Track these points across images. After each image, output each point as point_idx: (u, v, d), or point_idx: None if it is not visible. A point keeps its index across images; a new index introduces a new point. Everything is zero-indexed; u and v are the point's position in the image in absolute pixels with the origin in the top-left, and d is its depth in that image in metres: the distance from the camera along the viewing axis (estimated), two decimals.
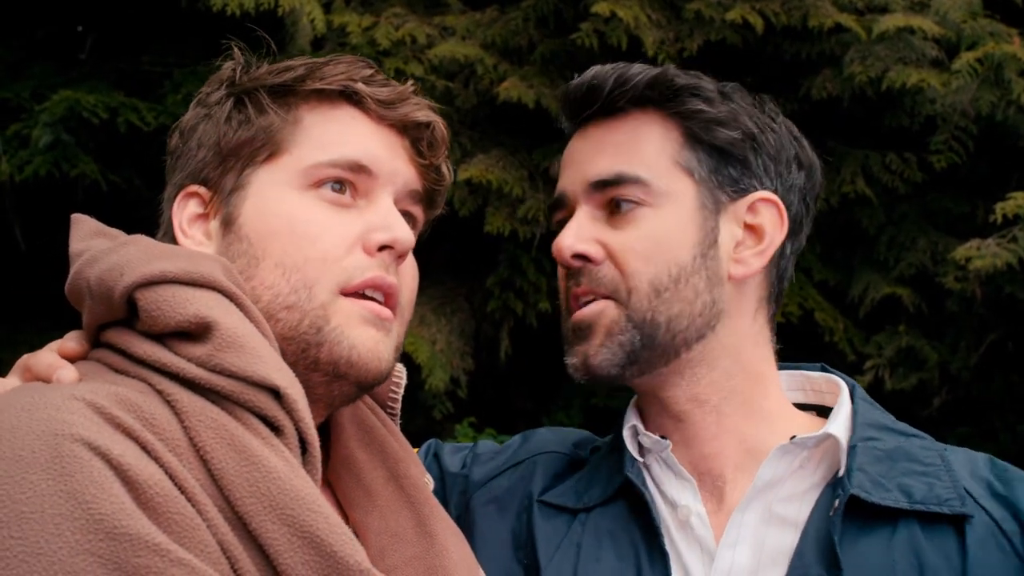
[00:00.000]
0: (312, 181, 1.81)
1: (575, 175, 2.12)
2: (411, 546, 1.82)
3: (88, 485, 1.35)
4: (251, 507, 1.48)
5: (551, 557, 2.08)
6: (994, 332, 6.07)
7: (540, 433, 2.39)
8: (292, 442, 1.59)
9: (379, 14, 6.20)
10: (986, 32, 6.02)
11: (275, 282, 1.75)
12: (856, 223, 6.36)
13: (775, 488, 2.02)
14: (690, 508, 2.04)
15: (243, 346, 1.58)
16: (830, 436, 2.02)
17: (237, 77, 1.92)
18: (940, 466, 2.00)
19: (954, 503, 1.93)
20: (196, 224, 1.85)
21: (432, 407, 6.18)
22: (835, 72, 5.97)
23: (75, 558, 1.31)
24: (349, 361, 1.76)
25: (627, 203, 2.05)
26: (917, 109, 6.07)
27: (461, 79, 6.10)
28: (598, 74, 2.10)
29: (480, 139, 6.17)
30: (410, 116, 1.92)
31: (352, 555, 1.50)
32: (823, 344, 6.14)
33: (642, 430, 2.12)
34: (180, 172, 1.90)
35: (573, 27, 5.91)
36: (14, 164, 6.23)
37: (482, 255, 6.35)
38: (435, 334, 6.08)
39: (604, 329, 2.03)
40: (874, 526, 1.93)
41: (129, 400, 1.50)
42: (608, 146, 2.10)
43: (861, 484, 1.94)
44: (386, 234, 1.82)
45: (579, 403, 6.85)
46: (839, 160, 6.22)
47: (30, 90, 6.62)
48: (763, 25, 5.70)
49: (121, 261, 1.64)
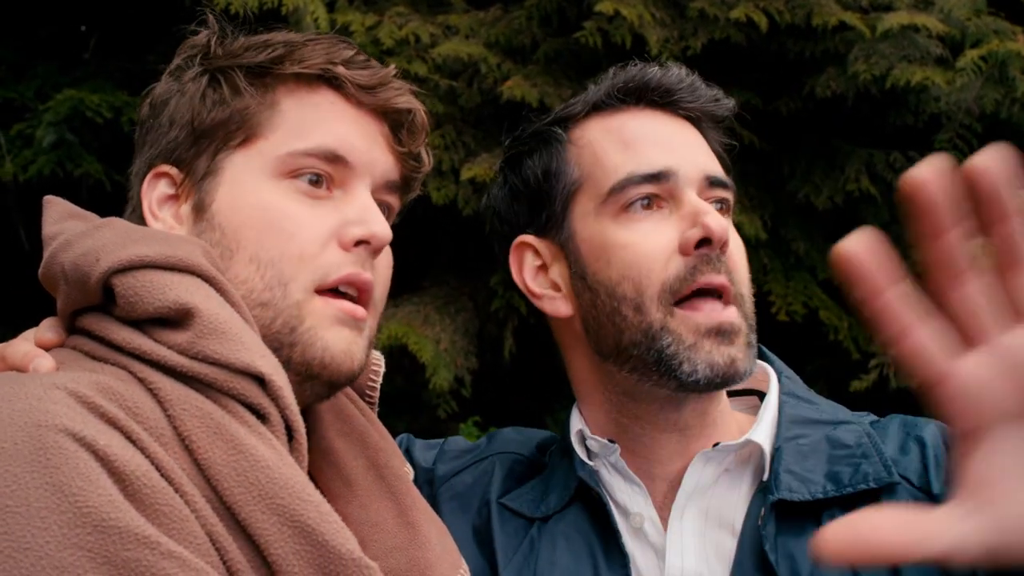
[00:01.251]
0: (288, 170, 1.77)
1: (685, 158, 2.08)
2: (392, 536, 1.80)
3: (74, 477, 1.32)
4: (240, 497, 1.46)
5: (509, 560, 2.08)
6: None
7: (504, 433, 2.39)
8: (278, 429, 1.57)
9: (382, 13, 6.19)
10: (990, 30, 6.00)
11: (249, 277, 1.71)
12: (861, 221, 6.34)
13: (707, 492, 2.02)
14: (643, 515, 2.04)
15: (225, 332, 1.55)
16: (750, 443, 2.03)
17: (212, 49, 1.87)
18: (865, 445, 2.00)
19: (882, 475, 1.93)
20: (166, 206, 1.81)
21: (436, 406, 6.16)
22: (839, 70, 5.95)
23: (63, 552, 1.29)
24: (322, 362, 1.74)
25: (725, 207, 2.09)
26: (921, 107, 6.06)
27: (464, 78, 6.09)
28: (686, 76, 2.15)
29: (484, 138, 6.15)
30: (391, 102, 1.88)
31: (344, 544, 1.48)
32: (827, 343, 6.13)
33: (588, 434, 2.12)
34: (150, 147, 1.85)
35: (576, 26, 5.89)
36: (18, 164, 6.23)
37: (485, 254, 6.33)
38: (439, 333, 6.06)
39: (744, 335, 2.02)
40: (803, 523, 1.92)
41: (112, 388, 1.47)
42: (703, 147, 2.13)
43: (788, 485, 1.94)
44: (363, 229, 1.78)
45: None
46: (843, 158, 6.21)
47: (34, 90, 6.62)
48: (767, 23, 5.68)
49: (96, 245, 1.61)
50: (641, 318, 2.00)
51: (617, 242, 2.04)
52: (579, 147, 2.15)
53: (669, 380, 2.00)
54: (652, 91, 2.14)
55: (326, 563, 1.47)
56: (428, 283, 6.40)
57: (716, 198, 2.08)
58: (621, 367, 2.07)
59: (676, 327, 1.98)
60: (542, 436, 2.38)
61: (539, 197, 2.17)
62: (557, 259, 2.16)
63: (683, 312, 1.99)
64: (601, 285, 2.05)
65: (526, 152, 2.23)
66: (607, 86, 2.17)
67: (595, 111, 2.17)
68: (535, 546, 2.08)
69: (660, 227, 2.03)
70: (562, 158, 2.16)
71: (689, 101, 2.14)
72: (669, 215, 2.04)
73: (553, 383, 7.21)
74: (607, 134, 2.13)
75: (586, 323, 2.11)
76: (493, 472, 2.23)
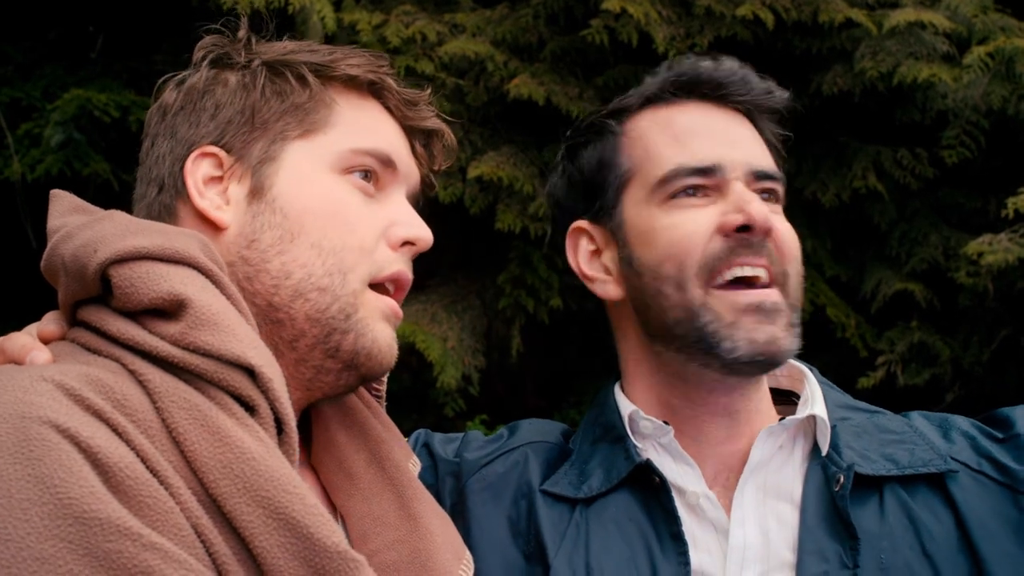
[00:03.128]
0: (346, 166, 1.82)
1: (732, 153, 2.14)
2: (393, 529, 1.81)
3: (56, 469, 1.32)
4: (225, 489, 1.46)
5: (559, 545, 2.09)
6: (1007, 327, 6.05)
7: (525, 424, 2.41)
8: (267, 422, 1.57)
9: (389, 12, 6.20)
10: (997, 26, 6.00)
11: (310, 261, 1.74)
12: (867, 219, 6.35)
13: (765, 466, 2.09)
14: (699, 492, 2.07)
15: (217, 324, 1.56)
16: (812, 416, 2.11)
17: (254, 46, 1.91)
18: (911, 432, 2.11)
19: (938, 462, 2.04)
20: (211, 185, 1.82)
21: (444, 405, 6.17)
22: (846, 67, 5.95)
23: (44, 544, 1.29)
24: (368, 353, 1.77)
25: (773, 197, 2.16)
26: (928, 104, 6.06)
27: (471, 76, 6.09)
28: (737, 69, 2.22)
29: (490, 136, 6.16)
30: (425, 122, 1.96)
31: (329, 536, 1.48)
32: (835, 340, 6.13)
33: (643, 415, 2.15)
34: (188, 129, 1.85)
35: (583, 24, 5.90)
36: (26, 163, 6.25)
37: (493, 252, 6.35)
38: (446, 332, 6.07)
39: (786, 316, 2.08)
40: (866, 495, 2.02)
41: (100, 381, 1.47)
42: (753, 139, 2.20)
43: (851, 458, 2.03)
44: (410, 231, 1.84)
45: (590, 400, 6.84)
46: (851, 156, 6.21)
47: (41, 90, 6.64)
48: (773, 21, 5.69)
49: (95, 237, 1.62)
50: (682, 295, 2.07)
51: (661, 225, 2.12)
52: (631, 139, 2.22)
53: (713, 359, 2.06)
54: (704, 84, 2.20)
55: (311, 556, 1.46)
56: (435, 281, 6.40)
57: (762, 189, 2.14)
58: (668, 347, 2.14)
59: (716, 305, 2.05)
60: (559, 426, 2.42)
61: (593, 186, 2.25)
62: (609, 244, 2.24)
63: (721, 292, 2.06)
64: (646, 267, 2.13)
65: (583, 143, 2.30)
66: (661, 80, 2.24)
67: (648, 104, 2.24)
68: (582, 530, 2.10)
69: (704, 212, 2.10)
70: (615, 149, 2.23)
71: (741, 94, 2.20)
72: (714, 203, 2.11)
73: (561, 381, 7.22)
74: (657, 127, 2.20)
75: (635, 305, 2.19)
76: (527, 462, 2.25)
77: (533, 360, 6.80)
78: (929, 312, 6.14)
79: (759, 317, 2.04)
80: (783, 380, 2.29)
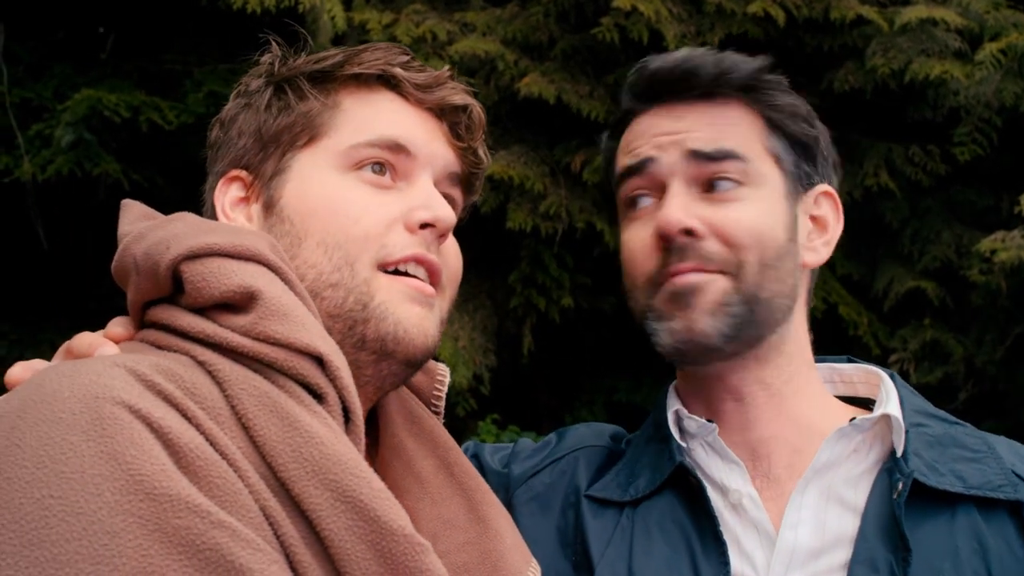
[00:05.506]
0: (353, 162, 1.84)
1: (667, 144, 2.12)
2: (463, 532, 1.83)
3: (128, 447, 1.35)
4: (294, 472, 1.48)
5: (603, 553, 2.08)
6: (1019, 325, 6.03)
7: (576, 429, 2.40)
8: (335, 410, 1.60)
9: (399, 11, 6.21)
10: (1009, 23, 5.98)
11: (318, 260, 1.77)
12: (880, 216, 6.34)
13: (832, 470, 2.04)
14: (741, 491, 2.05)
15: (287, 315, 1.59)
16: (887, 416, 2.05)
17: (276, 68, 1.94)
18: (987, 452, 2.04)
19: (1007, 489, 1.96)
20: (238, 208, 1.87)
21: (455, 404, 6.18)
22: (857, 65, 5.95)
23: (115, 518, 1.31)
24: (396, 338, 1.77)
25: (726, 182, 2.08)
26: (940, 101, 6.04)
27: (482, 75, 6.09)
28: (693, 58, 2.14)
29: (501, 135, 6.16)
30: (447, 99, 1.95)
31: (396, 519, 1.49)
32: (848, 338, 6.12)
33: (686, 414, 2.14)
34: (221, 161, 1.92)
35: (594, 22, 5.90)
36: (36, 163, 6.26)
37: (504, 251, 6.34)
38: (458, 331, 6.08)
39: (713, 300, 2.03)
40: (934, 510, 1.95)
41: (170, 369, 1.50)
42: (703, 123, 2.12)
43: (918, 468, 1.97)
44: (427, 212, 1.84)
45: (602, 399, 6.85)
46: (862, 153, 6.20)
47: (52, 90, 6.65)
48: (784, 18, 5.68)
49: (168, 236, 1.66)
50: (635, 303, 2.12)
51: (622, 243, 2.19)
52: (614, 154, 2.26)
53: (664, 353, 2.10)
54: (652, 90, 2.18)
55: (378, 538, 1.48)
56: None
57: (710, 174, 2.09)
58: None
59: (656, 302, 2.08)
60: (611, 428, 2.40)
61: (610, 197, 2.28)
62: None
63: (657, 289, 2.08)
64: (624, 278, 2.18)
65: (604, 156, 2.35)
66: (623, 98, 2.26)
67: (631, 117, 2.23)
68: (627, 534, 2.09)
69: (646, 224, 2.10)
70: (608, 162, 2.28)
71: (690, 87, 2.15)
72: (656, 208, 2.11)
73: (573, 380, 7.22)
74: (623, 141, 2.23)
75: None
76: (576, 470, 2.24)
77: (544, 359, 6.79)
78: (942, 310, 6.13)
79: (674, 305, 2.04)
80: (860, 387, 2.26)
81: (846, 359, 2.31)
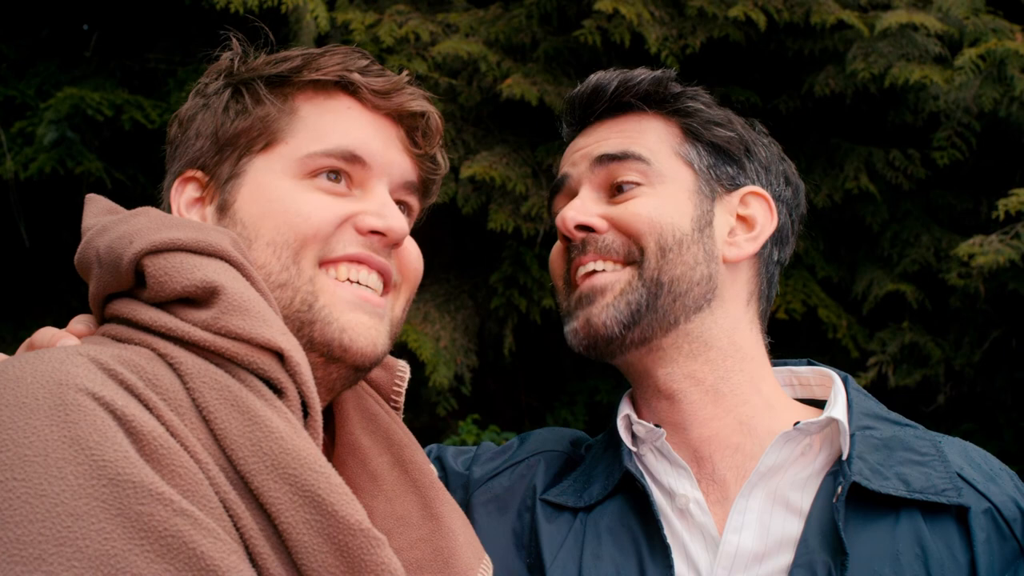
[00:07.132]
0: (308, 170, 1.86)
1: (579, 158, 2.25)
2: (416, 529, 1.86)
3: (91, 432, 1.38)
4: (253, 466, 1.51)
5: (555, 556, 2.11)
6: (997, 329, 6.06)
7: (538, 433, 2.44)
8: (294, 404, 1.62)
9: (382, 11, 6.20)
10: (988, 28, 6.01)
11: (267, 260, 1.79)
12: (859, 220, 6.36)
13: (779, 473, 2.07)
14: (688, 496, 2.08)
15: (248, 310, 1.62)
16: (833, 420, 2.07)
17: (235, 67, 1.96)
18: (935, 456, 2.05)
19: (950, 493, 1.98)
20: (193, 208, 1.90)
21: (436, 404, 6.18)
22: (838, 69, 5.97)
23: (77, 501, 1.34)
24: (342, 344, 1.80)
25: (628, 185, 2.18)
26: (920, 106, 6.07)
27: (464, 76, 6.10)
28: (602, 77, 2.29)
29: (483, 136, 6.17)
30: (405, 106, 1.97)
31: (353, 514, 1.52)
32: (827, 341, 6.14)
33: (635, 419, 2.17)
34: (179, 160, 1.94)
35: (576, 24, 5.91)
36: (19, 161, 6.25)
37: (485, 252, 6.35)
38: (439, 331, 6.08)
39: (615, 293, 2.12)
40: (877, 514, 1.97)
41: (132, 361, 1.53)
42: (613, 133, 2.25)
43: (861, 472, 1.99)
44: (379, 221, 1.87)
45: (583, 400, 6.86)
46: (842, 157, 6.22)
47: (35, 88, 6.64)
48: (766, 22, 5.70)
49: (131, 230, 1.68)
50: (559, 309, 2.28)
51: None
52: None
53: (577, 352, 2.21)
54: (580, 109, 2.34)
55: (335, 532, 1.51)
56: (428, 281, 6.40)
57: (614, 177, 2.21)
58: None
59: (568, 305, 2.23)
60: (574, 434, 2.44)
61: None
62: None
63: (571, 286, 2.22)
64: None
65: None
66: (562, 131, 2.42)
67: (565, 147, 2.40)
68: (579, 539, 2.11)
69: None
70: None
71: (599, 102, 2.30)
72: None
73: (554, 381, 7.23)
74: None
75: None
76: (535, 474, 2.28)
77: (525, 360, 6.80)
78: (920, 313, 6.16)
79: (578, 305, 2.17)
80: (817, 390, 2.28)
81: (805, 362, 2.34)
